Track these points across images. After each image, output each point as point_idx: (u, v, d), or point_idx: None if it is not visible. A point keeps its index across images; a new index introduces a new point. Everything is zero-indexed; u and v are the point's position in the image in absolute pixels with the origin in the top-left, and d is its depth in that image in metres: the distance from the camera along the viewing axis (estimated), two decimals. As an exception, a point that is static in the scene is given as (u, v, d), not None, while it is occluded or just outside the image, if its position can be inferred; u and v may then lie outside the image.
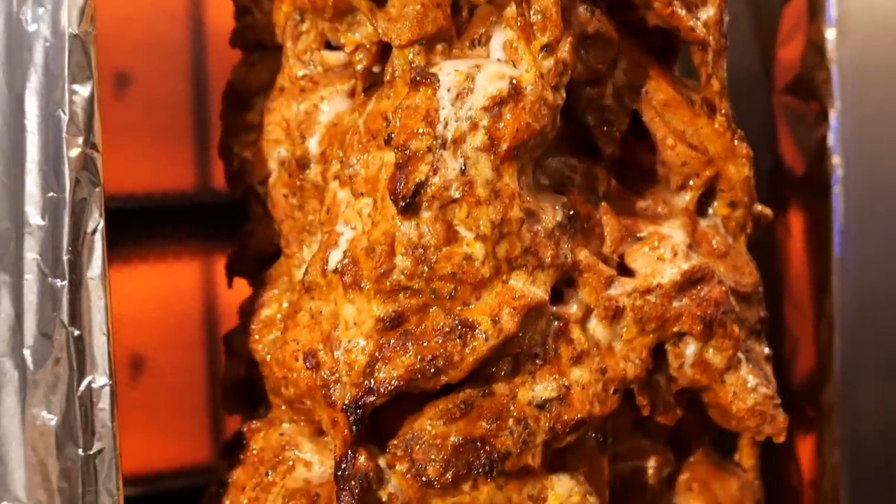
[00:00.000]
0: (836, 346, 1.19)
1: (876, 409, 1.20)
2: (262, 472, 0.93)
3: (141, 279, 1.32)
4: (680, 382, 0.94)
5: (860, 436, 1.20)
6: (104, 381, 0.85)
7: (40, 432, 0.85)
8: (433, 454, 0.85)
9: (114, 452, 0.86)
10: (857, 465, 1.20)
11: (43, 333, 0.85)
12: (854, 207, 1.17)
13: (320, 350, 0.85)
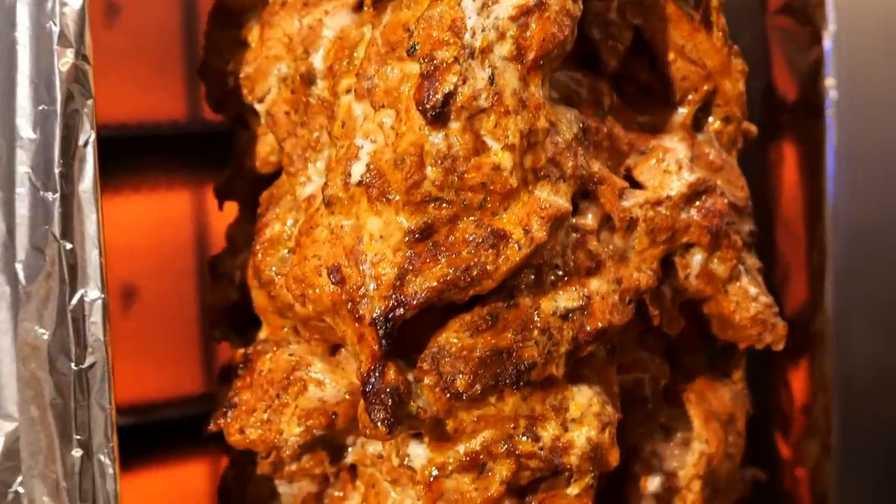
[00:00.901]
0: (829, 271, 1.18)
1: (868, 336, 1.20)
2: (272, 393, 0.91)
3: (132, 209, 1.30)
4: (685, 293, 0.95)
5: (852, 362, 1.20)
6: (96, 294, 0.84)
7: (32, 347, 0.84)
8: (460, 367, 0.84)
9: (106, 367, 0.85)
10: (848, 391, 1.20)
11: (35, 247, 0.84)
12: (847, 131, 1.16)
13: (344, 265, 0.83)
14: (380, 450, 0.91)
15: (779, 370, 1.25)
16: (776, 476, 1.26)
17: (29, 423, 0.85)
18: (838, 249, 1.18)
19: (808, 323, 1.21)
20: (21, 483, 0.86)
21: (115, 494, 0.86)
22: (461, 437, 0.86)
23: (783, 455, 1.26)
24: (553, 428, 0.86)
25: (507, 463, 0.86)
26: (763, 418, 1.25)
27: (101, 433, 0.85)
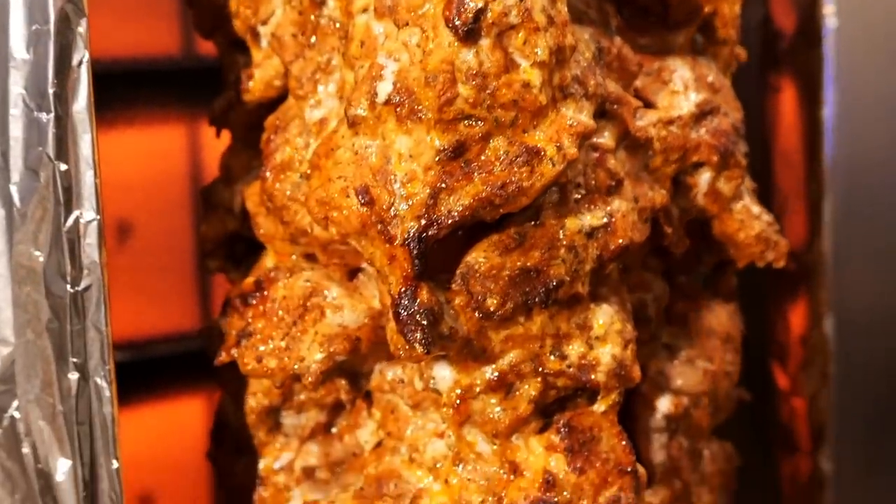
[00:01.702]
0: (827, 202, 1.17)
1: (866, 266, 1.19)
2: (289, 321, 0.89)
3: (127, 144, 1.29)
4: (691, 213, 0.96)
5: (850, 293, 1.19)
6: (91, 215, 0.83)
7: (28, 269, 0.83)
8: (490, 286, 0.83)
9: (101, 289, 0.84)
10: (846, 322, 1.19)
11: (29, 169, 0.83)
12: (845, 61, 1.15)
13: (373, 185, 0.82)
14: (401, 375, 0.90)
15: (777, 302, 1.24)
16: (774, 407, 1.25)
17: (25, 346, 0.84)
18: (836, 180, 1.17)
19: (806, 254, 1.20)
20: (17, 408, 0.85)
21: (112, 418, 0.85)
22: (489, 358, 0.85)
23: (781, 386, 1.25)
24: (579, 346, 0.86)
25: (535, 382, 0.86)
26: (761, 350, 1.24)
27: (98, 356, 0.84)
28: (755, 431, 1.27)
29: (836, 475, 1.21)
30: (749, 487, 1.22)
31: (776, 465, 1.26)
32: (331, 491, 0.94)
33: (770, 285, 1.24)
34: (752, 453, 1.25)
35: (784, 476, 1.25)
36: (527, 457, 0.86)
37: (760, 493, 1.27)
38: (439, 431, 0.89)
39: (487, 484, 0.86)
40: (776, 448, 1.26)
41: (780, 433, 1.25)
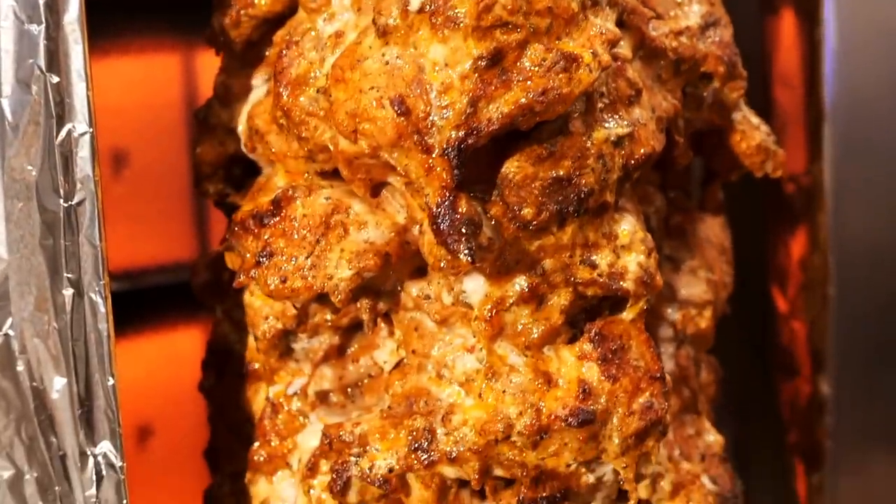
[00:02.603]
0: (827, 126, 1.16)
1: (865, 192, 1.18)
2: (311, 239, 0.87)
3: (121, 72, 1.27)
4: (695, 124, 0.96)
5: (850, 218, 1.18)
6: (84, 128, 0.81)
7: (21, 184, 0.82)
8: (525, 196, 0.82)
9: (95, 203, 0.82)
10: (846, 246, 1.18)
11: (20, 81, 0.80)
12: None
13: (408, 95, 0.80)
14: (427, 290, 0.88)
15: (776, 227, 1.23)
16: (773, 331, 1.24)
17: (18, 263, 0.83)
18: (836, 103, 1.16)
19: (806, 179, 1.19)
20: (11, 325, 0.84)
21: (107, 334, 0.83)
22: (521, 269, 0.84)
23: (780, 310, 1.24)
24: (607, 255, 0.85)
25: (566, 292, 0.85)
26: (760, 274, 1.23)
27: (92, 271, 0.83)
28: (755, 356, 1.26)
29: (836, 399, 1.20)
30: (749, 412, 1.22)
31: (776, 389, 1.25)
32: (349, 414, 0.92)
33: (769, 210, 1.23)
34: (751, 378, 1.25)
35: (784, 400, 1.25)
36: (559, 367, 0.86)
37: (760, 418, 1.27)
38: (468, 346, 0.87)
39: (523, 396, 0.85)
40: (776, 372, 1.25)
41: (780, 357, 1.24)
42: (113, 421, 0.85)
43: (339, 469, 0.89)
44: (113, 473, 0.85)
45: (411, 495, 0.89)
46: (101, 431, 0.85)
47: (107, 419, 0.85)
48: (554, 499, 0.88)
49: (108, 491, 0.85)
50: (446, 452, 0.86)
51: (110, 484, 0.85)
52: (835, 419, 1.20)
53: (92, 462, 0.85)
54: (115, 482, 0.85)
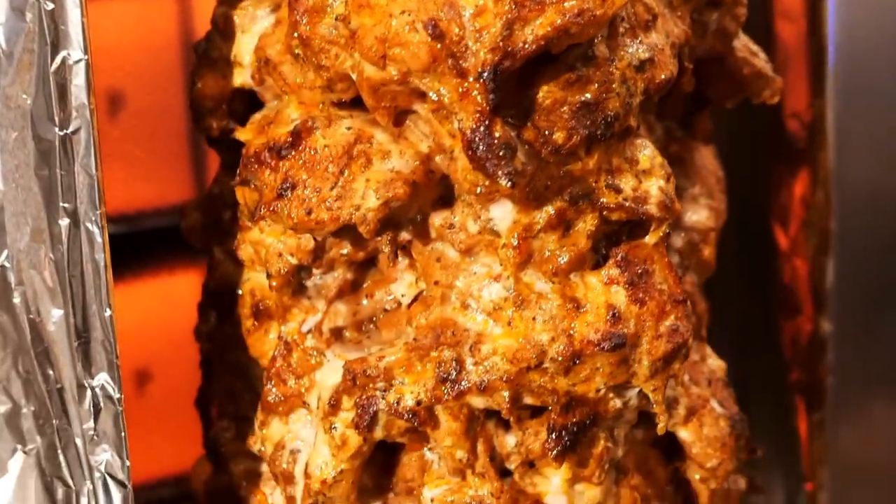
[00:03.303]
0: (829, 62, 1.15)
1: (868, 128, 1.17)
2: (335, 170, 0.85)
3: (117, 12, 1.26)
4: (698, 52, 0.95)
5: (852, 154, 1.17)
6: (79, 55, 0.80)
7: (15, 113, 0.80)
8: (556, 120, 0.81)
9: (90, 131, 0.81)
10: (847, 182, 1.17)
11: (14, 9, 0.79)
12: None
13: (441, 19, 0.78)
14: (450, 219, 0.86)
15: (778, 164, 1.22)
16: (775, 269, 1.24)
17: (14, 193, 0.81)
18: (839, 37, 1.14)
19: (808, 115, 1.18)
20: (7, 257, 0.82)
21: (104, 264, 0.82)
22: (549, 195, 0.84)
23: (781, 247, 1.23)
24: (630, 180, 0.85)
25: (592, 217, 0.85)
26: (761, 211, 1.23)
27: (88, 200, 0.81)
28: (756, 295, 1.26)
29: (837, 337, 1.20)
30: (749, 351, 1.21)
31: (777, 328, 1.25)
32: (365, 350, 0.91)
33: (771, 148, 1.22)
34: (752, 317, 1.24)
35: (785, 339, 1.24)
36: (586, 293, 0.85)
37: (761, 357, 1.26)
38: (494, 275, 0.86)
39: (554, 322, 0.84)
40: (777, 311, 1.25)
41: (781, 296, 1.23)
42: (110, 353, 0.84)
43: (365, 404, 0.87)
44: (111, 405, 0.84)
45: (439, 427, 0.87)
46: (98, 363, 0.84)
47: (104, 351, 0.84)
48: (584, 425, 0.87)
49: (107, 423, 0.85)
50: (476, 382, 0.85)
51: (108, 416, 0.84)
52: (836, 357, 1.20)
53: (90, 394, 0.84)
54: (113, 414, 0.84)
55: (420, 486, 0.92)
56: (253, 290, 0.95)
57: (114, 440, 0.85)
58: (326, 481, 0.90)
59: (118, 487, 0.85)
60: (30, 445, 0.85)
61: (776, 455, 1.26)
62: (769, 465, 1.27)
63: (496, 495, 0.89)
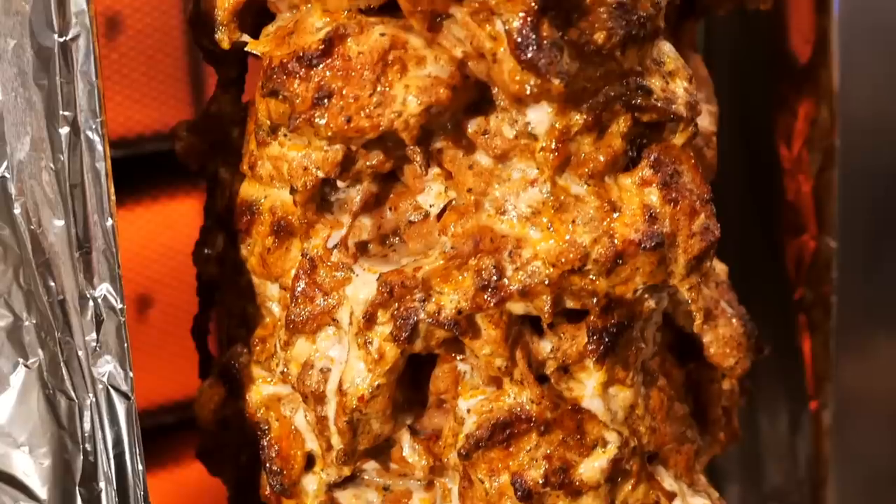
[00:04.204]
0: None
1: (871, 47, 1.16)
2: (371, 78, 0.83)
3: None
4: None
5: (855, 73, 1.16)
6: (77, -40, 0.79)
7: (14, 21, 0.79)
8: (594, 20, 0.81)
9: (90, 39, 0.79)
10: (850, 100, 1.16)
11: (12, -88, 0.78)
12: None
13: None
14: (484, 125, 0.85)
15: (782, 81, 1.21)
16: (779, 188, 1.23)
17: (13, 102, 0.80)
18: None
19: (813, 32, 1.17)
20: (7, 167, 0.81)
21: (105, 173, 0.81)
22: (585, 97, 0.83)
23: (785, 166, 1.23)
24: (658, 80, 0.85)
25: (625, 118, 0.84)
26: (765, 130, 1.22)
27: (88, 108, 0.80)
28: (759, 214, 1.25)
29: (841, 254, 1.19)
30: (754, 271, 1.21)
31: (781, 247, 1.24)
32: (393, 262, 0.89)
33: (774, 65, 1.21)
34: (756, 236, 1.23)
35: (789, 258, 1.24)
36: (620, 195, 0.85)
37: (765, 277, 1.26)
38: (530, 180, 0.85)
39: (594, 224, 0.84)
40: (781, 230, 1.24)
41: (786, 214, 1.23)
42: (112, 262, 0.82)
43: (405, 316, 0.86)
44: (113, 316, 0.83)
45: (480, 336, 0.87)
46: (100, 273, 0.82)
47: (106, 261, 0.82)
48: (622, 326, 0.88)
49: (109, 334, 0.83)
50: (517, 288, 0.84)
51: (111, 327, 0.83)
52: (840, 275, 1.19)
53: (92, 305, 0.83)
54: (115, 325, 0.83)
55: (454, 398, 0.91)
56: (273, 208, 0.93)
57: (116, 351, 0.84)
58: (364, 397, 0.88)
59: (121, 399, 0.85)
60: (32, 359, 0.84)
61: (780, 376, 1.26)
62: (773, 387, 1.27)
63: (536, 401, 0.88)
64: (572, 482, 0.89)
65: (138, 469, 0.86)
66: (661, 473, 0.95)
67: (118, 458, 0.85)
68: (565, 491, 0.90)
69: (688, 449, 0.97)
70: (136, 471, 0.86)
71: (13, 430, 0.84)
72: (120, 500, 0.86)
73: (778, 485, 1.29)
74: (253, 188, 0.94)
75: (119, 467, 0.86)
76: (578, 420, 0.89)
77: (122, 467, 0.86)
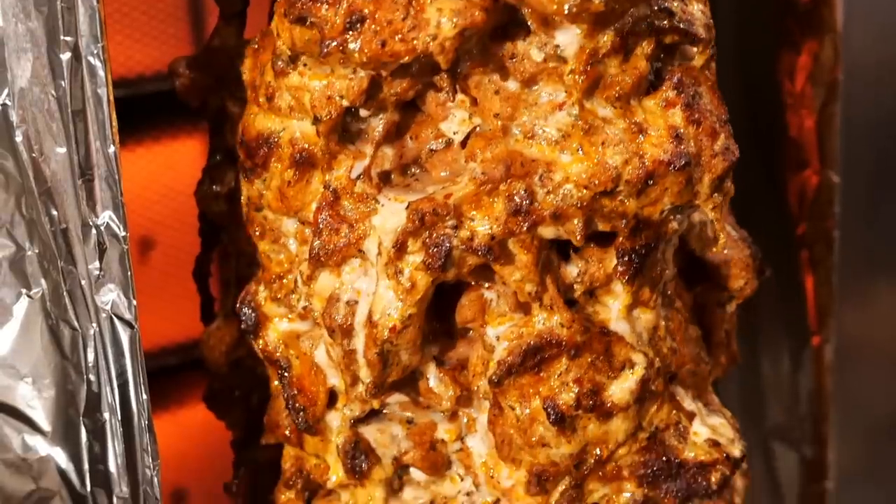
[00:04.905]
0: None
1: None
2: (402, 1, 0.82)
3: None
4: None
5: (860, 3, 1.16)
6: None
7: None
8: None
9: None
10: (853, 37, 1.16)
11: None
12: None
13: None
14: (511, 49, 0.85)
15: (786, 18, 1.21)
16: (781, 121, 1.23)
17: (13, 28, 0.78)
18: None
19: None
20: (8, 95, 0.79)
21: (107, 100, 0.80)
22: (613, 19, 0.83)
23: (788, 100, 1.22)
24: (677, 2, 0.86)
25: (649, 41, 0.84)
26: (768, 65, 1.21)
27: (89, 34, 0.78)
28: (762, 149, 1.24)
29: (844, 187, 1.19)
30: (756, 207, 1.20)
31: (783, 182, 1.24)
32: (420, 190, 0.88)
33: (777, 2, 1.21)
34: (758, 172, 1.23)
35: (791, 193, 1.23)
36: (646, 117, 0.85)
37: (768, 213, 1.26)
38: (557, 103, 0.85)
39: (624, 146, 0.84)
40: (784, 165, 1.24)
41: (788, 149, 1.22)
42: (115, 189, 0.82)
43: (438, 243, 0.85)
44: (117, 244, 0.82)
45: (512, 261, 0.87)
46: (102, 201, 0.81)
47: (108, 188, 0.81)
48: (650, 248, 0.88)
49: (112, 262, 0.83)
50: (549, 212, 0.84)
51: (114, 255, 0.82)
52: (843, 209, 1.19)
53: (94, 233, 0.82)
54: (118, 253, 0.83)
55: (482, 327, 0.91)
56: (293, 140, 0.91)
57: (120, 279, 0.83)
58: (395, 328, 0.88)
59: (125, 328, 0.84)
60: (34, 289, 0.83)
61: (782, 313, 1.26)
62: (775, 325, 1.27)
63: (567, 325, 0.88)
64: (603, 404, 0.90)
65: (142, 399, 0.85)
66: (680, 394, 0.95)
67: (122, 388, 0.85)
68: (597, 413, 0.90)
69: (703, 370, 0.98)
70: (141, 401, 0.85)
71: (16, 362, 0.83)
72: (124, 431, 0.85)
73: (779, 422, 1.29)
74: (270, 120, 0.92)
75: (123, 397, 0.85)
76: (606, 343, 0.90)
77: (125, 397, 0.85)
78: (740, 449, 0.95)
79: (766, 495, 1.32)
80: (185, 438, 1.34)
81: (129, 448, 0.86)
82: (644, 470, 0.93)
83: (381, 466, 0.95)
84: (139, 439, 0.86)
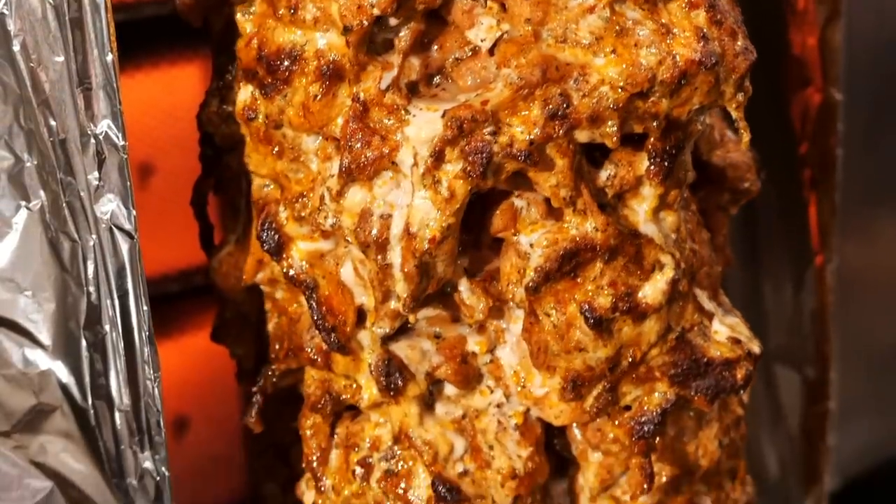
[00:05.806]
0: None
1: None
2: None
3: None
4: None
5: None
6: None
7: None
8: None
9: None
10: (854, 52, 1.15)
11: None
12: None
13: None
14: None
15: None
16: (784, 39, 1.22)
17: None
18: None
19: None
20: (6, 3, 0.79)
21: (104, 6, 0.78)
22: None
23: (790, 17, 1.21)
24: None
25: None
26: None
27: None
28: (764, 67, 1.23)
29: (847, 105, 1.19)
30: (758, 126, 1.19)
31: (786, 101, 1.23)
32: (450, 99, 0.87)
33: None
34: (760, 91, 1.22)
35: (794, 111, 1.23)
36: (671, 18, 0.85)
37: (770, 133, 1.24)
38: (588, 6, 0.85)
39: (655, 47, 0.84)
40: (786, 83, 1.23)
41: (791, 67, 1.22)
42: (113, 98, 0.81)
43: (478, 150, 0.85)
44: (115, 153, 0.82)
45: (549, 167, 0.86)
46: (101, 110, 0.81)
47: (107, 97, 0.81)
48: (679, 147, 0.89)
49: (111, 172, 0.82)
50: (586, 115, 0.84)
51: (113, 164, 0.82)
52: (846, 127, 1.19)
53: (93, 143, 0.81)
54: (118, 162, 0.82)
55: (514, 235, 0.90)
56: (319, 52, 0.89)
57: (119, 189, 0.82)
58: (435, 238, 0.87)
59: (125, 238, 0.83)
60: (34, 201, 0.82)
61: (784, 235, 1.26)
62: (777, 248, 1.27)
63: (602, 229, 0.88)
64: (637, 306, 0.90)
65: (143, 310, 0.85)
66: (699, 295, 0.96)
67: (122, 300, 0.85)
68: (632, 316, 0.91)
69: (716, 271, 1.00)
70: (141, 312, 0.85)
71: (16, 275, 0.83)
72: (125, 343, 0.85)
73: (781, 343, 1.29)
74: (293, 34, 0.90)
75: (123, 309, 0.85)
76: (637, 245, 0.90)
77: (126, 309, 0.85)
78: (758, 345, 0.96)
79: (768, 416, 1.32)
80: (187, 365, 1.33)
81: (130, 360, 0.85)
82: (674, 370, 0.93)
83: (415, 383, 0.95)
84: (140, 351, 0.85)
